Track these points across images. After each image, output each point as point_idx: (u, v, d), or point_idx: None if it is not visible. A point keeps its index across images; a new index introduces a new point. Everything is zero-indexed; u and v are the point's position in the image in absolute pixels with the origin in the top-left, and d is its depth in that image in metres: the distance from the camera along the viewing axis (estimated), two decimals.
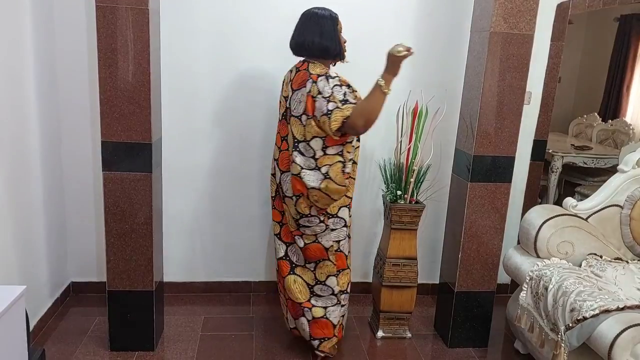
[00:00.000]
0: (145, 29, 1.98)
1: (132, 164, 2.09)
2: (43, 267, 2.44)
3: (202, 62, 2.55)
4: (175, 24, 2.47)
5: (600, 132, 4.75)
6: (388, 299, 2.44)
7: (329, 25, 2.01)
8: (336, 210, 2.09)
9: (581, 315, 1.79)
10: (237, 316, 2.62)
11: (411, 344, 2.48)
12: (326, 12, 2.03)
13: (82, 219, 2.66)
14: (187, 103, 2.59)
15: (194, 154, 2.64)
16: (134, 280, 2.19)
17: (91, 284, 2.73)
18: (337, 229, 2.12)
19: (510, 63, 2.16)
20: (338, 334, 2.25)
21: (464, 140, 2.32)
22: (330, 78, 1.96)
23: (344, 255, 2.18)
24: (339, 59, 2.10)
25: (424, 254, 2.83)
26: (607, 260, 2.21)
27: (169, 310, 2.56)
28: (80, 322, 2.48)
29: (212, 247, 2.80)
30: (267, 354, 2.32)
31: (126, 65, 2.00)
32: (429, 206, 2.67)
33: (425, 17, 2.63)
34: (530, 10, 2.11)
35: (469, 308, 2.41)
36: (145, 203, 2.13)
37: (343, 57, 2.11)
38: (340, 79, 1.99)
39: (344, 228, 2.14)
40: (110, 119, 2.04)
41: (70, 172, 2.60)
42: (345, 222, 2.14)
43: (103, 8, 1.94)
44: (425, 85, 2.58)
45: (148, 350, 2.27)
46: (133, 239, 2.15)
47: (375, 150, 2.73)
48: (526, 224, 2.30)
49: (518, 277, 2.28)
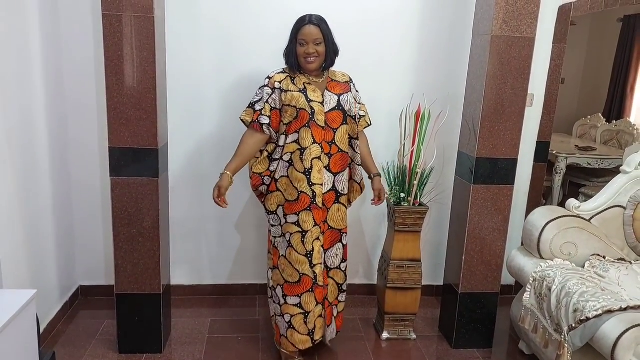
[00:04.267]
0: (151, 36, 2.02)
1: (139, 169, 2.12)
2: (52, 271, 2.48)
3: (207, 68, 2.59)
4: (181, 31, 2.51)
5: (604, 133, 4.74)
6: (393, 300, 2.46)
7: (290, 34, 2.10)
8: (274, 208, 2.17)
9: (584, 316, 1.80)
10: (243, 318, 2.65)
11: (416, 345, 2.49)
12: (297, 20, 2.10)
13: (89, 223, 2.70)
14: (193, 108, 2.62)
15: (200, 158, 2.68)
16: (141, 284, 2.22)
17: (99, 288, 2.77)
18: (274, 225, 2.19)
19: (512, 66, 2.18)
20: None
21: (467, 143, 2.34)
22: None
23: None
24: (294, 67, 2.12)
25: (428, 256, 2.84)
26: (610, 261, 2.21)
27: (176, 313, 2.59)
28: (89, 325, 2.52)
29: (218, 251, 2.83)
30: (272, 356, 2.34)
31: (133, 72, 2.04)
32: (433, 208, 2.68)
33: (427, 21, 2.65)
34: (531, 13, 2.13)
35: (473, 309, 2.42)
36: (152, 207, 2.16)
37: (289, 65, 2.12)
38: (265, 82, 2.13)
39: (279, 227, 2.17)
40: (118, 125, 2.08)
41: (78, 177, 2.64)
42: (280, 221, 2.16)
43: (110, 16, 1.98)
44: (427, 89, 2.61)
45: (156, 353, 2.30)
46: (141, 243, 2.19)
47: (378, 153, 2.74)
48: (529, 225, 2.32)
49: (522, 278, 2.30)
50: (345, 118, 2.13)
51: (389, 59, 2.68)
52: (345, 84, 2.18)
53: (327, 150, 2.11)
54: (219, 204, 2.11)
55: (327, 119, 2.09)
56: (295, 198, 2.10)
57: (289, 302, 2.17)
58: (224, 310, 2.73)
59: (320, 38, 2.04)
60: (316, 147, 2.07)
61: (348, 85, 2.18)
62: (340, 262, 2.28)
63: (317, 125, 2.07)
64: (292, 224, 2.11)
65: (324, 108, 2.08)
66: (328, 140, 2.10)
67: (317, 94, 2.08)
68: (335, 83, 2.16)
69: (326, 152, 2.11)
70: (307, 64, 2.06)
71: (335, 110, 2.10)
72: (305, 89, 2.08)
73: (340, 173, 2.16)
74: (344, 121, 2.13)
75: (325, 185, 2.12)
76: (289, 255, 2.14)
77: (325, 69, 2.14)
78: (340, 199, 2.20)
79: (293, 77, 2.11)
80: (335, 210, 2.19)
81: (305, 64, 2.06)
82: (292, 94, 2.06)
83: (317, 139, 2.07)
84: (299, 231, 2.11)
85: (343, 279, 2.30)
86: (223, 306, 2.77)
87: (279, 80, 2.10)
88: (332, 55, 2.10)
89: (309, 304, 2.15)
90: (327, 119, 2.09)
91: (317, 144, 2.07)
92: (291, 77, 2.11)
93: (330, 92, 2.11)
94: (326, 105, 2.09)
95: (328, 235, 2.20)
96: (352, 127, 2.16)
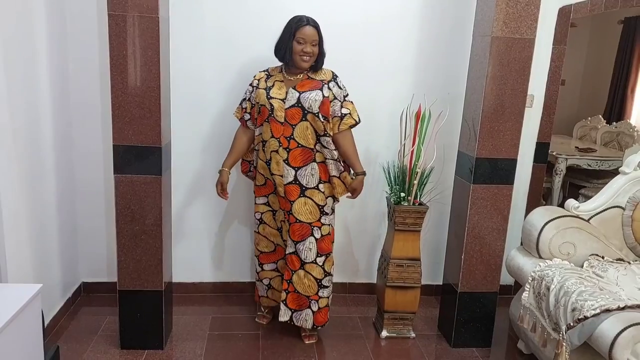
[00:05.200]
0: (156, 36, 2.04)
1: (143, 167, 2.14)
2: (56, 267, 2.51)
3: (210, 68, 2.61)
4: (185, 31, 2.53)
5: (604, 135, 4.75)
6: (392, 299, 2.48)
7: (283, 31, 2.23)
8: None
9: (582, 315, 1.82)
10: (244, 316, 2.67)
11: (415, 344, 2.51)
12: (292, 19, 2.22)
13: (92, 221, 2.72)
14: (196, 107, 2.65)
15: (202, 156, 2.70)
16: (144, 280, 2.25)
17: (101, 284, 2.79)
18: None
19: (511, 67, 2.20)
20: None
21: (467, 143, 2.36)
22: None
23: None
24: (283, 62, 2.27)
25: (427, 255, 2.86)
26: (608, 261, 2.23)
27: (177, 310, 2.61)
28: (91, 321, 2.54)
29: (220, 248, 2.85)
30: (273, 353, 2.36)
31: (137, 71, 2.06)
32: (433, 208, 2.70)
33: (428, 22, 2.67)
34: (531, 15, 2.15)
35: (472, 308, 2.44)
36: (155, 205, 2.18)
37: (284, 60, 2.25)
38: (250, 80, 2.33)
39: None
40: (122, 123, 2.10)
41: (82, 175, 2.67)
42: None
43: (115, 16, 2.01)
44: (428, 89, 2.63)
45: (157, 349, 2.32)
46: (143, 240, 2.21)
47: (379, 153, 2.77)
48: (528, 225, 2.33)
49: (521, 278, 2.31)
50: (304, 115, 2.21)
51: (390, 59, 2.70)
52: (318, 82, 2.25)
53: (285, 145, 2.24)
54: (222, 196, 2.39)
55: (287, 115, 2.22)
56: (262, 183, 2.38)
57: (265, 268, 2.51)
58: (224, 308, 2.75)
59: (317, 39, 2.20)
60: (274, 141, 2.25)
61: (320, 83, 2.24)
62: (316, 257, 2.32)
63: (276, 121, 2.23)
64: (262, 204, 2.42)
65: (285, 105, 2.21)
66: (287, 135, 2.24)
67: (281, 92, 2.23)
68: (308, 81, 2.25)
69: (284, 146, 2.24)
70: (302, 62, 2.20)
71: (294, 107, 2.22)
72: (273, 86, 2.25)
73: (302, 167, 2.26)
74: (303, 118, 2.22)
75: (285, 177, 2.27)
76: (263, 230, 2.46)
77: (314, 68, 2.26)
78: (307, 193, 2.27)
79: (271, 76, 2.29)
80: (301, 204, 2.28)
81: (301, 61, 2.20)
82: (258, 91, 2.27)
83: (275, 134, 2.24)
84: (270, 210, 2.42)
85: (322, 274, 2.35)
86: (224, 303, 2.79)
87: (258, 78, 2.31)
88: (322, 57, 2.25)
89: (284, 268, 2.44)
90: (286, 115, 2.22)
91: (275, 139, 2.25)
92: (269, 76, 2.30)
93: (295, 90, 2.23)
94: (287, 102, 2.22)
95: (297, 228, 2.30)
96: (318, 124, 2.23)
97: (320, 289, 2.36)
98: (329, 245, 2.36)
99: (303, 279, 2.34)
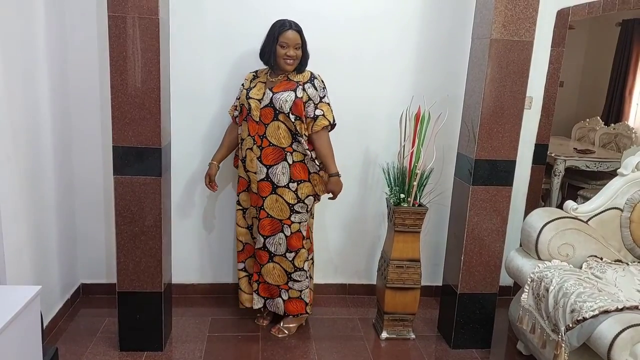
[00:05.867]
0: (156, 38, 2.04)
1: (142, 168, 2.14)
2: (54, 268, 2.50)
3: (210, 69, 2.61)
4: (184, 32, 2.54)
5: (602, 136, 4.77)
6: (392, 300, 2.48)
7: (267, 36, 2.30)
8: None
9: (581, 316, 1.82)
10: (243, 317, 2.67)
11: (415, 345, 2.51)
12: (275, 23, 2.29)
13: (92, 222, 2.72)
14: (196, 108, 2.65)
15: (202, 157, 2.70)
16: (143, 282, 2.24)
17: (101, 286, 2.79)
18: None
19: (510, 69, 2.21)
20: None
21: (466, 145, 2.36)
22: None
23: None
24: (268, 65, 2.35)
25: (427, 257, 2.87)
26: (607, 262, 2.24)
27: (177, 311, 2.61)
28: (90, 323, 2.53)
29: (219, 249, 2.85)
30: (273, 355, 2.36)
31: (137, 72, 2.06)
32: (432, 209, 2.71)
33: (427, 25, 2.68)
34: (530, 17, 2.16)
35: (472, 310, 2.44)
36: (154, 206, 2.18)
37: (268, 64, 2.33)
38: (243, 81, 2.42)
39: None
40: (121, 124, 2.10)
41: (81, 176, 2.66)
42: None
43: (115, 17, 2.01)
44: (427, 91, 2.64)
45: (156, 351, 2.31)
46: (142, 241, 2.21)
47: (378, 154, 2.78)
48: (527, 226, 2.34)
49: (520, 279, 2.32)
50: (276, 115, 2.28)
51: (389, 61, 2.71)
52: (294, 83, 2.30)
53: (258, 143, 2.33)
54: (210, 188, 2.49)
55: (261, 115, 2.30)
56: (237, 180, 2.49)
57: (239, 267, 2.57)
58: (224, 309, 2.75)
59: (300, 43, 2.27)
60: (249, 139, 2.34)
61: (295, 84, 2.29)
62: (286, 252, 2.40)
63: (252, 120, 2.32)
64: (236, 202, 2.51)
65: (260, 104, 2.30)
66: (260, 134, 2.32)
67: (259, 92, 2.32)
68: (285, 83, 2.32)
69: (258, 144, 2.33)
70: (286, 65, 2.27)
71: (267, 107, 2.29)
72: (254, 87, 2.33)
73: (273, 166, 2.32)
74: (274, 117, 2.29)
75: (259, 174, 2.35)
76: (236, 229, 2.54)
77: (298, 71, 2.32)
78: (278, 191, 2.34)
79: (256, 77, 2.38)
80: (273, 201, 2.35)
81: (285, 64, 2.27)
82: (241, 91, 2.38)
83: (251, 132, 2.33)
84: (240, 209, 2.51)
85: (291, 268, 2.43)
86: (223, 305, 2.79)
87: (246, 79, 2.41)
88: (305, 59, 2.32)
89: (252, 267, 2.52)
90: (261, 115, 2.30)
91: (250, 137, 2.34)
92: (254, 77, 2.38)
93: (270, 91, 2.30)
94: (262, 102, 2.30)
95: (267, 223, 2.38)
96: (290, 124, 2.29)
97: (290, 281, 2.45)
98: (298, 242, 2.40)
99: (272, 270, 2.44)
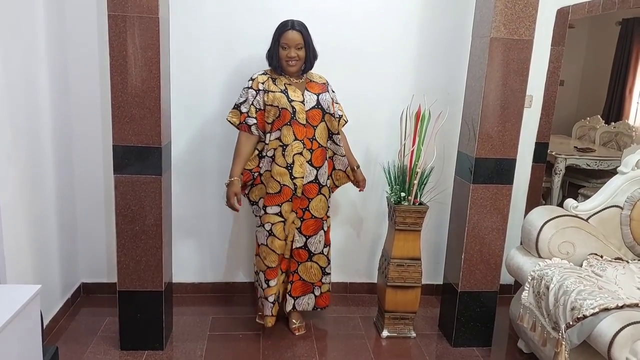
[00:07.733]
0: (156, 37, 2.04)
1: (143, 167, 2.14)
2: (55, 268, 2.50)
3: (210, 68, 2.61)
4: (185, 31, 2.54)
5: (603, 135, 4.77)
6: (393, 299, 2.48)
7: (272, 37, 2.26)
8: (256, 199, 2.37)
9: (581, 314, 1.83)
10: (244, 316, 2.67)
11: (416, 343, 2.51)
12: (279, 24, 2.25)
13: (92, 221, 2.72)
14: (196, 108, 2.65)
15: (202, 156, 2.70)
16: (143, 281, 2.24)
17: (101, 285, 2.79)
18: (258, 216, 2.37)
19: (510, 67, 2.21)
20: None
21: (466, 143, 2.36)
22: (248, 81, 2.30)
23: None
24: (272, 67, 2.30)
25: (428, 255, 2.87)
26: (607, 260, 2.24)
27: (177, 310, 2.61)
28: (90, 322, 2.54)
29: (220, 248, 2.85)
30: (274, 354, 2.36)
31: (137, 71, 2.06)
32: (433, 208, 2.71)
33: (428, 23, 2.68)
34: (530, 16, 2.16)
35: (473, 308, 2.44)
36: (155, 205, 2.18)
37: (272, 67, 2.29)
38: (249, 84, 2.27)
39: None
40: (122, 123, 2.10)
41: (81, 175, 2.66)
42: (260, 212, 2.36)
43: (115, 17, 2.01)
44: (427, 90, 2.64)
45: (157, 350, 2.32)
46: (143, 240, 2.21)
47: (379, 153, 2.78)
48: (528, 224, 2.34)
49: (520, 277, 2.32)
50: (323, 115, 2.30)
51: (389, 60, 2.71)
52: (322, 84, 2.35)
53: (309, 146, 2.28)
54: (234, 208, 2.31)
55: (308, 117, 2.26)
56: (277, 190, 2.28)
57: (271, 285, 2.39)
58: (225, 308, 2.75)
59: (301, 43, 2.21)
60: (298, 143, 2.24)
61: (325, 86, 2.35)
62: (323, 248, 2.45)
63: (299, 123, 2.23)
64: (274, 214, 2.30)
65: (305, 107, 2.25)
66: (309, 136, 2.27)
67: (297, 94, 2.25)
68: (314, 84, 2.34)
69: (308, 147, 2.28)
70: (288, 67, 2.24)
71: (315, 108, 2.27)
72: (286, 89, 2.25)
73: (321, 167, 2.34)
74: (322, 119, 2.30)
75: (306, 177, 2.30)
76: (271, 244, 2.34)
77: (304, 71, 2.31)
78: (322, 190, 2.37)
79: (274, 79, 2.27)
80: (318, 201, 2.36)
81: (287, 66, 2.24)
82: (274, 94, 2.22)
83: (299, 136, 2.24)
84: (281, 221, 2.31)
85: (326, 262, 2.48)
86: (224, 304, 2.79)
87: (262, 82, 2.26)
88: (311, 59, 2.27)
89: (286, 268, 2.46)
90: (307, 117, 2.26)
91: (298, 141, 2.24)
92: (272, 79, 2.27)
93: (310, 92, 2.28)
94: (306, 104, 2.26)
95: (311, 224, 2.38)
96: (332, 124, 2.33)
97: (323, 276, 2.49)
98: (329, 236, 2.49)
99: (310, 269, 2.45)
